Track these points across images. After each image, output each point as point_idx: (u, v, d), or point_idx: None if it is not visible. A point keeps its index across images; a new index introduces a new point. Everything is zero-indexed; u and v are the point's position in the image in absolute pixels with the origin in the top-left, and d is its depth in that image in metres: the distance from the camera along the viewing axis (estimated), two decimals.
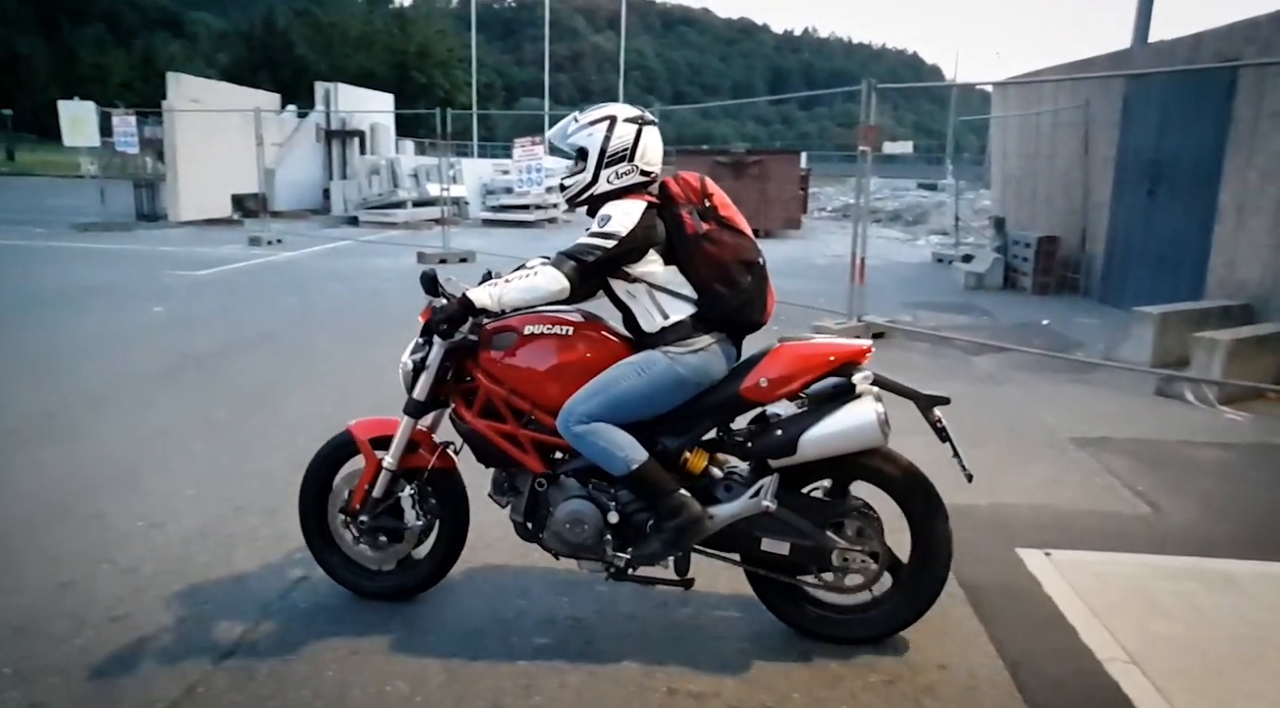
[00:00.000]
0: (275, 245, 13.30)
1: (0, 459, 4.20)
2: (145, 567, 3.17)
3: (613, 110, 2.68)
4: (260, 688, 2.46)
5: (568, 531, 2.66)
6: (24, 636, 2.70)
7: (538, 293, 2.56)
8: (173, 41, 78.14)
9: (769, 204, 16.19)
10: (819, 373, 2.58)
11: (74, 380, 5.67)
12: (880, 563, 2.67)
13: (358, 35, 43.36)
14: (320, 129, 19.42)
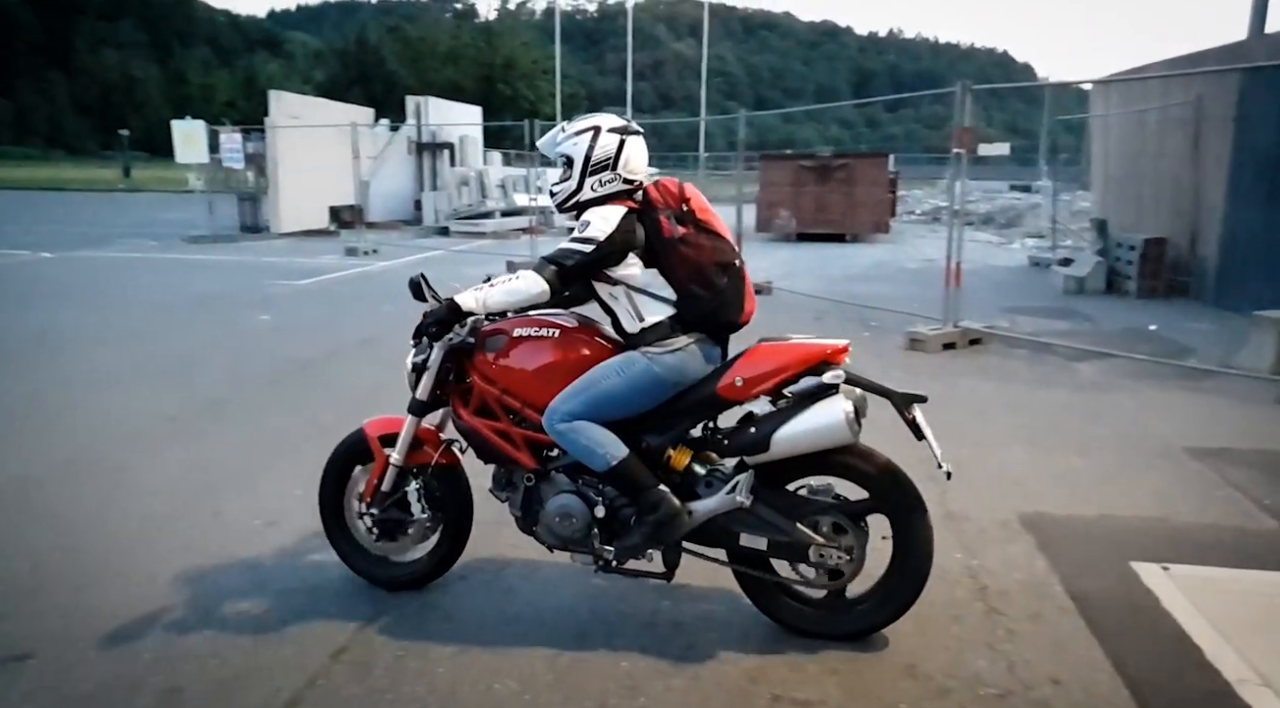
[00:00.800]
0: (371, 255, 13.76)
1: (129, 460, 4.44)
2: (264, 563, 3.32)
3: (597, 121, 2.78)
4: (377, 682, 2.55)
5: (557, 524, 2.78)
6: (158, 624, 2.86)
7: (519, 296, 2.67)
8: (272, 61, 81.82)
9: (856, 208, 15.97)
10: (794, 372, 2.63)
11: (193, 385, 5.97)
12: (857, 559, 2.69)
13: (446, 50, 44.47)
14: (411, 142, 20.01)
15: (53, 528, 3.59)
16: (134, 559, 3.32)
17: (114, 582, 3.14)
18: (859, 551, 2.69)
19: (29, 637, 2.76)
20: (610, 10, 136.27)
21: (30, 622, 2.86)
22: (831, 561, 2.68)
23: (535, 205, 13.97)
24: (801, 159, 17.48)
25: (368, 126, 19.31)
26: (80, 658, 2.65)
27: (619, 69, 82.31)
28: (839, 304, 9.23)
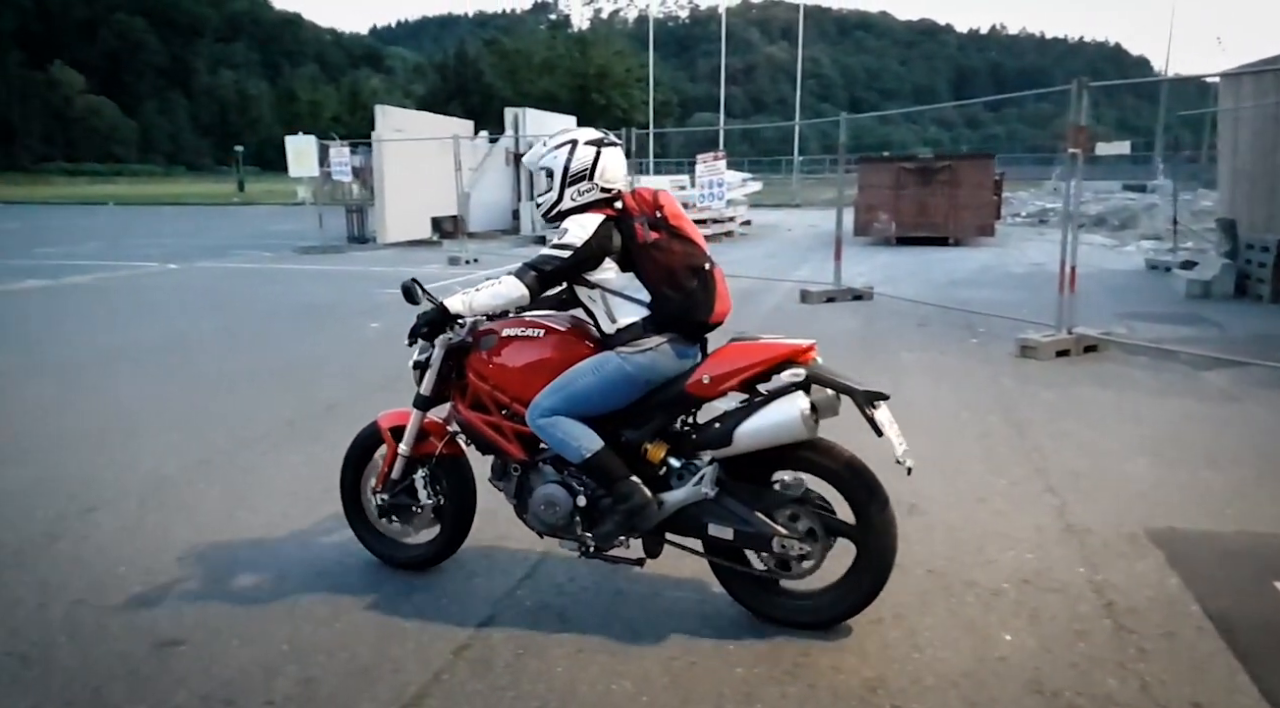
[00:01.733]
0: (472, 264, 14.12)
1: (255, 462, 4.68)
2: (385, 563, 3.44)
3: (575, 135, 2.96)
4: (498, 680, 2.62)
5: (543, 512, 2.97)
6: (292, 618, 3.00)
7: (501, 299, 2.89)
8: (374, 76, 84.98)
9: (960, 211, 15.54)
10: (759, 370, 2.73)
11: (310, 389, 6.25)
12: (818, 550, 2.78)
13: (541, 61, 45.33)
14: (509, 153, 20.44)
15: (190, 523, 3.81)
16: (265, 555, 3.50)
17: (249, 575, 3.32)
18: (823, 542, 2.79)
19: (178, 624, 2.95)
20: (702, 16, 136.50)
21: (178, 610, 3.05)
22: (794, 551, 2.78)
23: None
24: (902, 161, 17.12)
25: (468, 139, 19.81)
26: (224, 646, 2.81)
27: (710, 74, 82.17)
28: (943, 310, 9.00)
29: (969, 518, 3.75)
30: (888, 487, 2.79)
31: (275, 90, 71.33)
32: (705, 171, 11.47)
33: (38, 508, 3.96)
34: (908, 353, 7.10)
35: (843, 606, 2.83)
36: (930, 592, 3.10)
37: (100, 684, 2.60)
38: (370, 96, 51.44)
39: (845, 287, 9.94)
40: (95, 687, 2.59)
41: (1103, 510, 3.81)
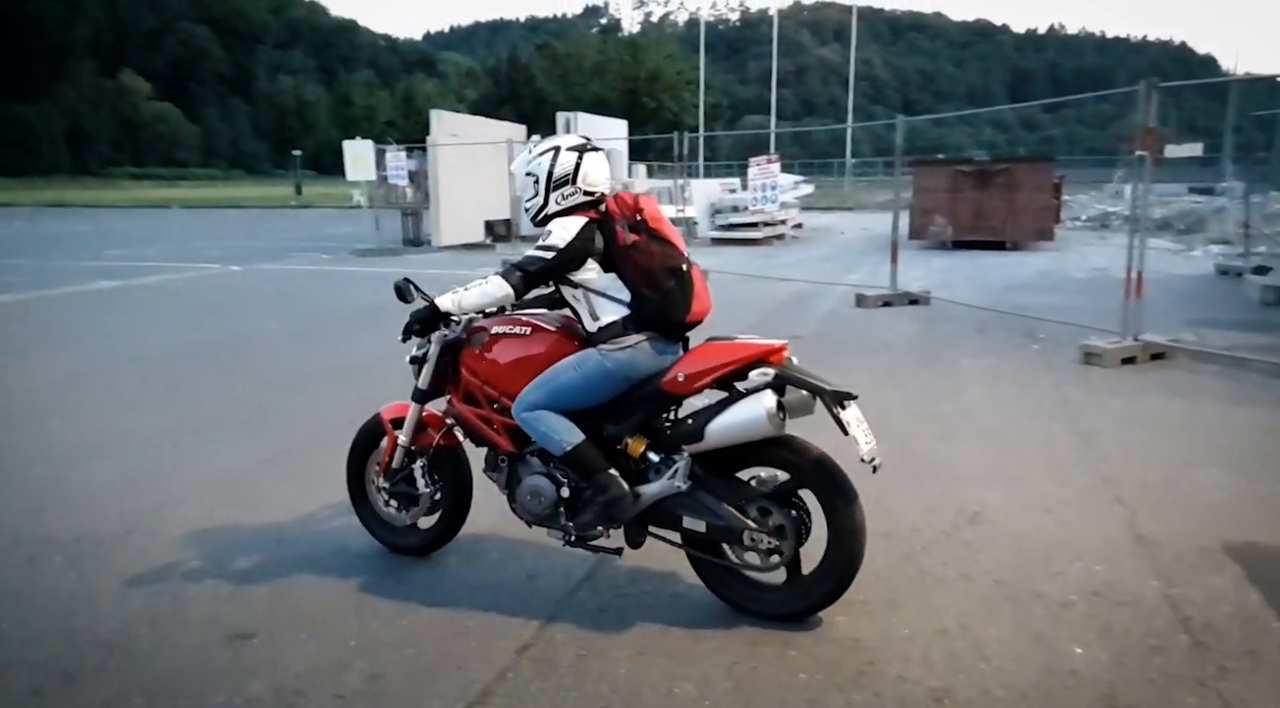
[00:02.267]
0: None
1: (321, 460, 4.76)
2: (449, 560, 3.49)
3: (558, 142, 3.08)
4: (562, 679, 2.64)
5: (529, 501, 3.09)
6: (359, 614, 3.06)
7: (487, 298, 3.01)
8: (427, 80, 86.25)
9: (1018, 214, 15.24)
10: (730, 369, 2.83)
11: (370, 389, 6.33)
12: (786, 543, 2.85)
13: (592, 65, 45.59)
14: None
15: (259, 518, 3.91)
16: (331, 552, 3.58)
17: (316, 571, 3.39)
18: (791, 537, 2.86)
19: (249, 617, 3.02)
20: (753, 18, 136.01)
21: (248, 604, 3.13)
22: (763, 545, 2.86)
23: (683, 216, 14.03)
24: (958, 164, 16.84)
25: (521, 143, 20.00)
26: (293, 640, 2.88)
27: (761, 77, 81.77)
28: (1002, 315, 8.83)
29: (1035, 528, 3.68)
30: (941, 493, 2.75)
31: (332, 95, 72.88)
32: (758, 174, 11.44)
33: (115, 501, 4.10)
34: (967, 359, 6.99)
35: (810, 600, 2.91)
36: (996, 602, 3.05)
37: (178, 673, 2.68)
38: (424, 101, 52.20)
39: (901, 291, 9.82)
40: (173, 675, 2.67)
41: (1175, 523, 3.71)
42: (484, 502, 3.52)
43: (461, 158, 17.26)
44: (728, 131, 44.02)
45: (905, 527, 3.68)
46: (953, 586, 3.17)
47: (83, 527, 3.80)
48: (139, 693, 2.58)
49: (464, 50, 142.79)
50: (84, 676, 2.67)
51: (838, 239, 19.60)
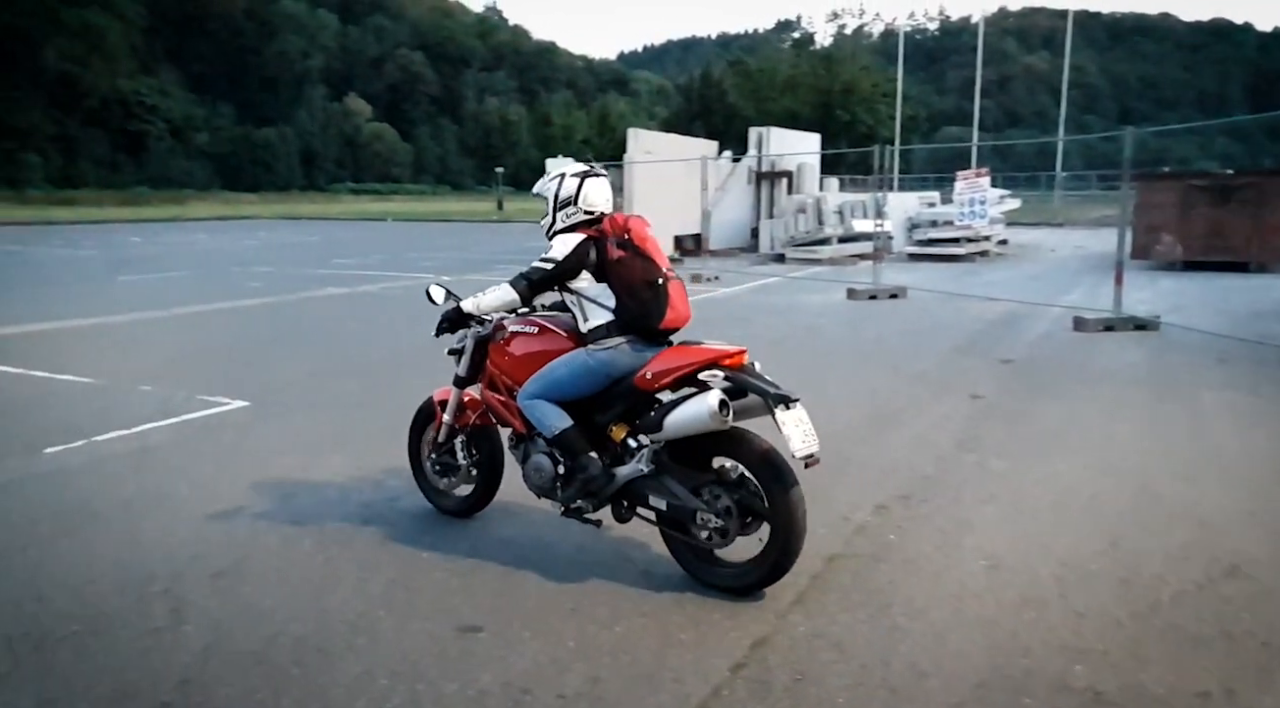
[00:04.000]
0: (714, 282, 14.33)
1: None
2: (659, 569, 3.53)
3: (564, 169, 3.60)
4: (777, 703, 2.60)
5: (533, 475, 3.60)
6: (576, 617, 3.16)
7: (500, 302, 3.58)
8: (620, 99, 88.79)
9: (1265, 233, 13.72)
10: (689, 369, 3.20)
11: None
12: (733, 523, 3.21)
13: (785, 79, 45.29)
14: (752, 172, 20.58)
15: (481, 517, 4.12)
16: (549, 556, 3.71)
17: (536, 572, 3.53)
18: (736, 518, 3.22)
19: (477, 611, 3.19)
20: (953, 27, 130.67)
21: (476, 597, 3.30)
22: (711, 524, 3.23)
23: (882, 230, 13.62)
24: (1190, 178, 15.39)
25: (713, 158, 20.18)
26: (517, 636, 3.01)
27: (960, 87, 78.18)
28: (1251, 345, 7.96)
29: None
30: (1189, 542, 2.49)
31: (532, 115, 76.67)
32: (965, 188, 10.96)
33: (352, 493, 4.45)
34: (1208, 393, 6.34)
35: (755, 575, 3.25)
36: (1269, 668, 2.73)
37: (416, 658, 2.86)
38: (617, 119, 53.78)
39: (1126, 315, 9.07)
40: (411, 660, 2.85)
41: None
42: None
43: (654, 174, 17.64)
44: (924, 144, 42.48)
45: (1148, 575, 3.38)
46: (1212, 645, 2.87)
47: (326, 514, 4.16)
48: (384, 674, 2.78)
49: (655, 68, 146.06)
50: (335, 652, 2.91)
51: (1048, 257, 18.40)
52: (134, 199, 55.49)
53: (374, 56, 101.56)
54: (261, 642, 2.96)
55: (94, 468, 4.86)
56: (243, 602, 3.26)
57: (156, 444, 5.29)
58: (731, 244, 20.05)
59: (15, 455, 5.04)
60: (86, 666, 2.81)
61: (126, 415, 5.82)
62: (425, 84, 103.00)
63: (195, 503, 4.31)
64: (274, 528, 3.99)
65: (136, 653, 2.89)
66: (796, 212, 18.63)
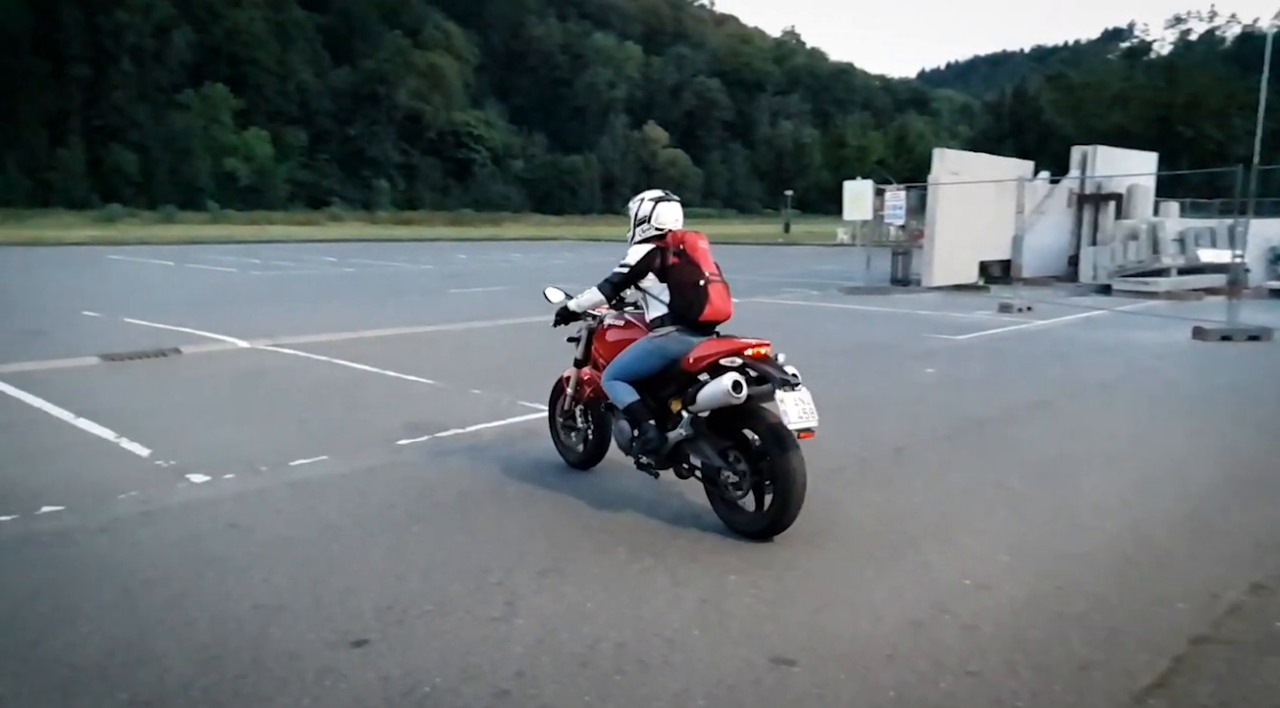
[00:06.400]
0: (1025, 313, 13.25)
1: (834, 494, 4.84)
2: (984, 626, 3.26)
3: (646, 194, 4.63)
4: None
5: (618, 436, 4.49)
6: (894, 664, 2.98)
7: (591, 301, 4.65)
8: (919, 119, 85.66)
9: None
10: (721, 356, 4.00)
11: (874, 429, 6.34)
12: (747, 480, 3.99)
13: (1114, 93, 40.98)
14: (1072, 194, 18.85)
15: (784, 546, 4.04)
16: (857, 594, 3.56)
17: (847, 607, 3.39)
18: (749, 477, 3.99)
19: (789, 644, 3.11)
20: None
21: (787, 629, 3.23)
22: (730, 480, 4.01)
23: (1239, 262, 11.85)
24: None
25: (1029, 180, 18.75)
26: (833, 677, 2.89)
27: None
28: None
29: None
30: None
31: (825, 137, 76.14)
32: None
33: (660, 506, 4.56)
34: None
35: (763, 524, 3.99)
36: None
37: (733, 685, 2.84)
38: (916, 139, 51.87)
39: None
40: (729, 686, 2.83)
41: None
42: (1014, 570, 3.20)
43: (959, 196, 16.72)
44: None
45: None
46: None
47: (638, 524, 4.29)
48: (701, 695, 2.78)
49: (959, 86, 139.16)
50: (654, 665, 2.96)
51: None
52: (459, 220, 62.32)
53: (673, 85, 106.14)
54: (585, 644, 3.10)
55: (437, 462, 5.41)
56: (567, 602, 3.44)
57: (487, 443, 5.80)
58: (1045, 272, 18.47)
59: (375, 445, 5.75)
60: (438, 643, 3.10)
61: (462, 415, 6.45)
62: (720, 110, 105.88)
63: (519, 501, 4.65)
64: (590, 533, 4.19)
65: (477, 639, 3.14)
66: (1126, 238, 16.76)
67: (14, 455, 5.43)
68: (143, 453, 5.45)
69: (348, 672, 2.89)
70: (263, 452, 5.48)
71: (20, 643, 3.08)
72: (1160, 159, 22.39)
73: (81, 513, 4.38)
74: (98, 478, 4.94)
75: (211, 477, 4.98)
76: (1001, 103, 57.96)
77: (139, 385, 7.76)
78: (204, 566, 3.76)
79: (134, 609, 3.34)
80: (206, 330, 10.62)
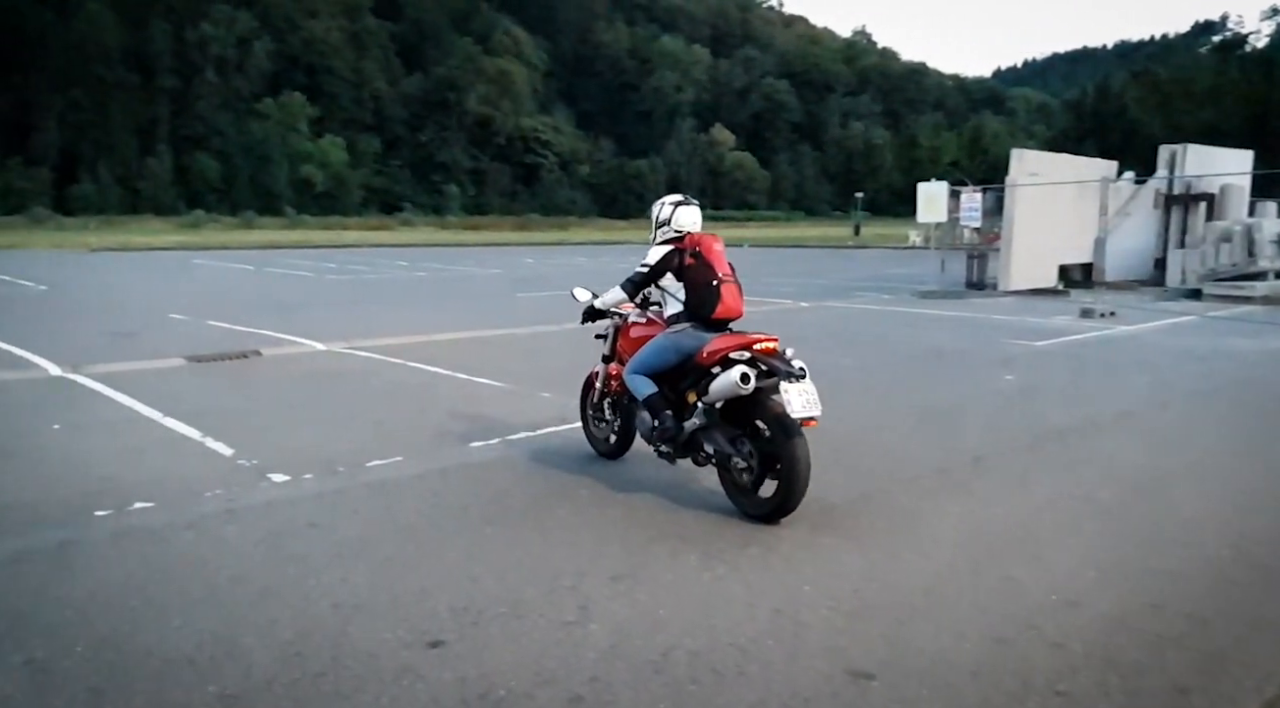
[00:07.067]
0: (1108, 318, 12.79)
1: (915, 506, 4.72)
2: (1073, 644, 3.13)
3: (667, 198, 4.95)
4: None
5: (640, 426, 4.78)
6: (978, 681, 2.88)
7: (615, 299, 4.96)
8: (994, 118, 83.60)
9: None
10: (732, 350, 4.32)
11: (953, 438, 6.18)
12: (753, 469, 4.27)
13: (1205, 89, 39.21)
14: (1159, 194, 18.13)
15: (861, 554, 3.95)
16: (939, 606, 3.46)
17: (927, 620, 3.30)
18: (758, 464, 4.26)
19: (868, 657, 3.03)
20: None
21: (864, 642, 3.15)
22: (740, 466, 4.28)
23: None
24: None
25: (1113, 180, 18.10)
26: (915, 693, 2.80)
27: None
28: None
29: None
30: None
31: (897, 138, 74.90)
32: None
33: (733, 511, 4.51)
34: None
35: (769, 507, 4.24)
36: None
37: (809, 697, 2.78)
38: (991, 140, 50.63)
39: None
40: (806, 698, 2.77)
41: None
42: (1104, 585, 3.06)
43: (1038, 198, 16.24)
44: None
45: None
46: None
47: (710, 531, 4.25)
48: (777, 707, 2.73)
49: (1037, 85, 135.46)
50: (729, 675, 2.92)
51: None
52: (526, 224, 63.04)
53: (740, 87, 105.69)
54: (659, 652, 3.07)
55: (508, 464, 5.46)
56: (640, 608, 3.42)
57: (557, 446, 5.81)
58: (1129, 275, 17.79)
59: (448, 447, 5.82)
60: (512, 646, 3.10)
61: (532, 418, 6.50)
62: (788, 111, 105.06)
63: (591, 504, 4.65)
64: (662, 538, 4.16)
65: (551, 643, 3.14)
66: (1219, 241, 16.01)
67: (110, 453, 5.66)
68: (226, 452, 5.62)
69: (425, 673, 2.92)
70: (340, 452, 5.60)
71: (118, 634, 3.19)
72: (1256, 157, 21.36)
73: (170, 510, 4.53)
74: (185, 476, 5.11)
75: (291, 477, 5.10)
76: (1083, 101, 56.03)
77: (222, 386, 8.02)
78: (285, 564, 3.85)
79: (220, 605, 3.44)
80: (285, 333, 10.93)
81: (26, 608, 3.42)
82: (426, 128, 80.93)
